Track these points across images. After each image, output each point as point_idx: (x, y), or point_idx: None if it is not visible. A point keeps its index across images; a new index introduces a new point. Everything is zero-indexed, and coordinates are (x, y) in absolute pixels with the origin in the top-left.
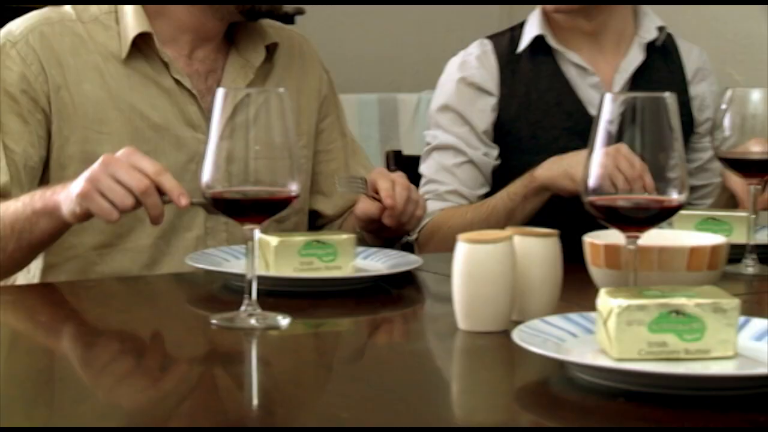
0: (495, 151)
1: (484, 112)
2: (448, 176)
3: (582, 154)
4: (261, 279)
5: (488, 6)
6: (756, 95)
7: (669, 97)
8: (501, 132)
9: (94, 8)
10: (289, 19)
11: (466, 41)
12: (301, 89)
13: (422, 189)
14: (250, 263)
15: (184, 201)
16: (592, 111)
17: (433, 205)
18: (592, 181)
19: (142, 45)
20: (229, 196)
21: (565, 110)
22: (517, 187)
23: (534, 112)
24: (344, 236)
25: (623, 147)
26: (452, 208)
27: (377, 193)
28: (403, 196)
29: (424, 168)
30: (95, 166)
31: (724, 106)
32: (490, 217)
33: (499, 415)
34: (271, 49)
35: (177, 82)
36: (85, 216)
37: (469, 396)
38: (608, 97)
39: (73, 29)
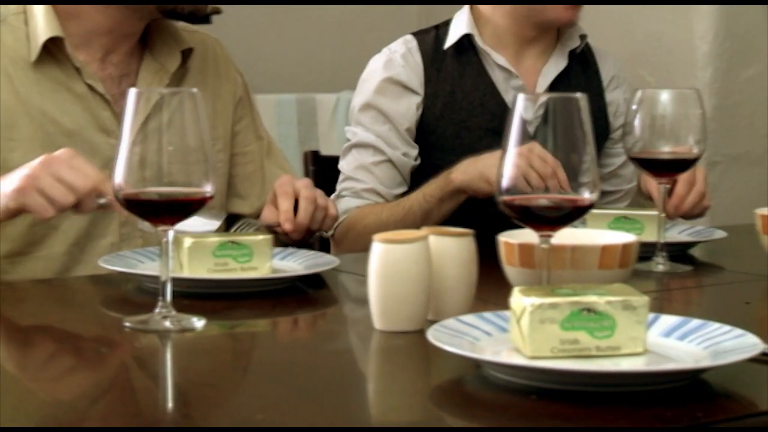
0: (414, 151)
1: (408, 110)
2: (366, 174)
3: (496, 155)
4: (175, 281)
5: (406, 6)
6: (665, 96)
7: (581, 98)
8: (425, 131)
9: (1, 9)
10: (205, 18)
11: (384, 41)
12: (217, 93)
13: (340, 186)
14: (164, 265)
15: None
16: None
17: (349, 203)
18: (505, 182)
19: (52, 49)
20: (142, 197)
21: (489, 111)
22: (432, 189)
23: (459, 112)
24: (260, 237)
25: (536, 146)
26: (368, 207)
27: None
28: (309, 211)
29: (343, 164)
30: (35, 164)
31: (634, 107)
32: (406, 218)
33: (414, 415)
34: (186, 54)
35: (89, 87)
36: (16, 213)
37: (385, 395)
38: (521, 98)
39: None
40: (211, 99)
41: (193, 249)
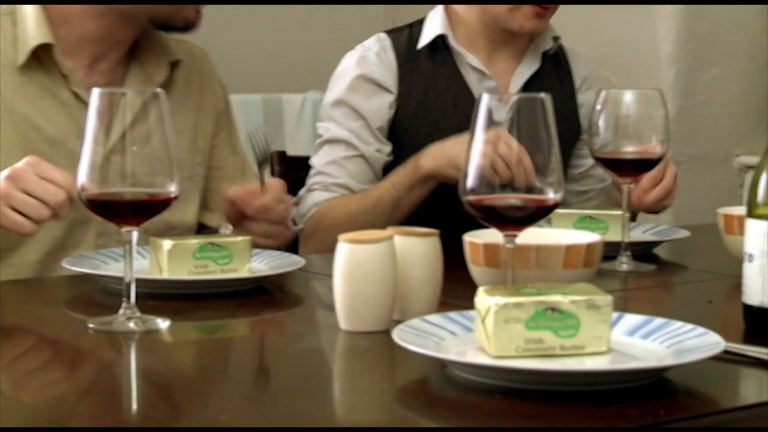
0: (387, 148)
1: (381, 108)
2: (338, 169)
3: (465, 139)
4: (154, 282)
5: (372, 6)
6: (628, 96)
7: (546, 98)
8: (399, 130)
9: None
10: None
11: (351, 41)
12: (200, 106)
13: (310, 180)
14: (128, 266)
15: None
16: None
17: (319, 196)
18: (472, 174)
19: (41, 54)
20: (105, 198)
21: (462, 112)
22: (401, 177)
23: (432, 112)
24: (239, 238)
25: (503, 132)
26: (336, 199)
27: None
28: (278, 208)
29: (315, 160)
30: (1, 181)
31: (598, 107)
32: (376, 208)
33: (379, 414)
34: (174, 65)
35: (75, 94)
36: None
37: (350, 395)
38: (485, 98)
39: None
40: (193, 112)
41: (173, 252)
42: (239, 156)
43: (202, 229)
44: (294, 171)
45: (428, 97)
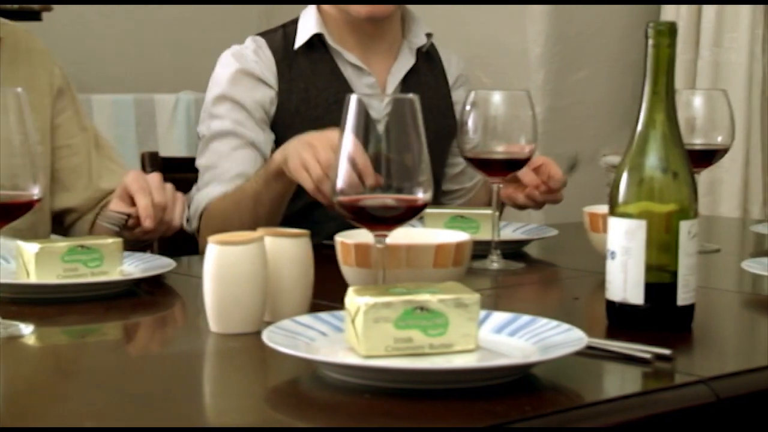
0: (272, 136)
1: (263, 101)
2: (228, 162)
3: (324, 134)
4: (20, 287)
5: (247, 6)
6: (497, 97)
7: (414, 99)
8: (282, 126)
9: None
10: (35, 15)
11: (224, 42)
12: (30, 85)
13: (201, 179)
14: None
15: None
16: (370, 111)
17: (213, 191)
18: (340, 182)
19: None
20: None
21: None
22: (260, 170)
23: (315, 109)
24: (110, 240)
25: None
26: (220, 198)
27: (133, 203)
28: (157, 217)
29: (202, 160)
30: None
31: (468, 108)
32: (240, 202)
33: (249, 417)
34: None
35: None
36: None
37: (220, 398)
38: (353, 99)
39: None
40: (24, 91)
41: (41, 255)
42: (89, 132)
43: (64, 215)
44: (167, 172)
45: (309, 93)
